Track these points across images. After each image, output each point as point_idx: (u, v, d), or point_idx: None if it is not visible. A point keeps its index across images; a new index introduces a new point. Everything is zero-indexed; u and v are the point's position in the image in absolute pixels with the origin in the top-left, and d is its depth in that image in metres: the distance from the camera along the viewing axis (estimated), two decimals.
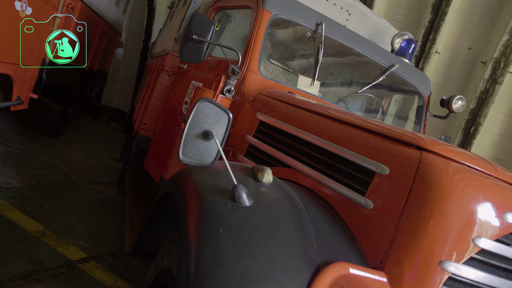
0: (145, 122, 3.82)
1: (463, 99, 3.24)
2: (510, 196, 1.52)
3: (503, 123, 7.55)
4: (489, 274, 1.46)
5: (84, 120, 9.58)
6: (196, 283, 1.18)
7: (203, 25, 2.53)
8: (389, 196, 1.54)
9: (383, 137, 1.71)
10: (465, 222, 1.41)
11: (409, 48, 3.63)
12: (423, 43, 7.35)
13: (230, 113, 1.49)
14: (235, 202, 1.37)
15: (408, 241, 1.44)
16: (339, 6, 4.07)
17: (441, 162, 1.50)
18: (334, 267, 1.32)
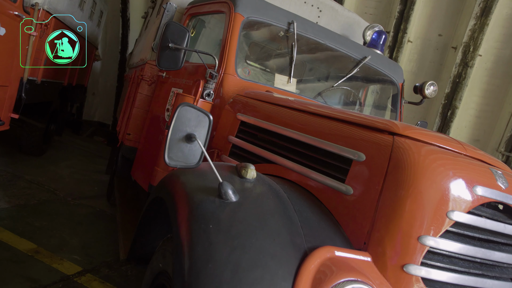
0: (129, 132, 3.86)
1: (434, 85, 3.36)
2: (479, 170, 1.64)
3: (478, 105, 7.77)
4: (464, 245, 1.57)
5: (67, 136, 9.53)
6: (191, 277, 1.25)
7: (178, 33, 2.60)
8: (367, 181, 1.63)
9: (357, 126, 1.81)
10: (438, 199, 1.51)
11: (380, 39, 3.75)
12: (395, 33, 7.52)
13: (210, 115, 1.57)
14: (222, 199, 1.45)
15: (387, 221, 1.54)
16: (310, 4, 4.18)
17: (413, 145, 1.60)
18: (320, 251, 1.41)
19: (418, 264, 1.50)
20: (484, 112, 7.91)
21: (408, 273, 1.50)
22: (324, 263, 1.39)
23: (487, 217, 1.61)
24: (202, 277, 1.24)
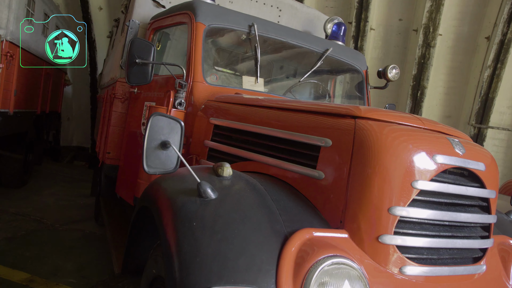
0: (109, 151, 3.91)
1: (396, 68, 3.52)
2: (437, 141, 1.77)
3: (445, 82, 8.04)
4: (432, 210, 1.70)
5: (47, 164, 9.45)
6: (182, 272, 1.34)
7: (144, 48, 2.68)
8: (336, 164, 1.75)
9: (322, 114, 1.92)
10: (402, 171, 1.64)
11: (340, 30, 3.89)
12: (357, 22, 7.73)
13: (181, 121, 1.66)
14: (202, 197, 1.54)
15: (359, 199, 1.66)
16: (269, 5, 4.31)
17: (374, 125, 1.72)
18: (299, 234, 1.51)
19: (392, 233, 1.63)
20: (452, 89, 8.18)
21: (383, 243, 1.62)
22: (304, 244, 1.49)
23: (449, 182, 1.74)
24: (192, 271, 1.33)
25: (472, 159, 1.80)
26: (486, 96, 7.58)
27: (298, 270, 1.41)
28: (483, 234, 1.94)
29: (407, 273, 1.65)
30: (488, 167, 1.91)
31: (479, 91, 7.64)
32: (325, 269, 1.41)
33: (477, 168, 1.82)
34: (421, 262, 1.70)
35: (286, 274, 1.39)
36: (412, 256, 1.68)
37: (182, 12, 3.14)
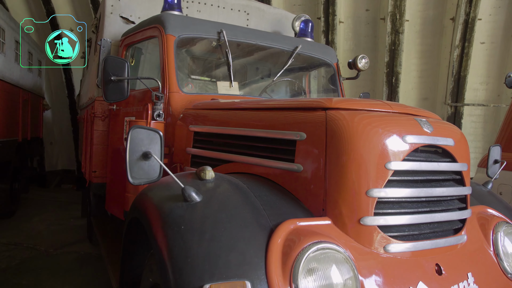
0: (95, 170, 3.94)
1: (365, 57, 3.62)
2: (405, 122, 1.86)
3: (418, 66, 8.23)
4: (407, 189, 1.79)
5: (34, 191, 9.36)
6: (175, 274, 1.40)
7: (117, 65, 2.73)
8: (312, 155, 1.83)
9: (294, 109, 2.00)
10: (375, 155, 1.73)
11: (308, 27, 3.99)
12: (325, 17, 7.87)
13: (159, 131, 1.73)
14: (187, 201, 1.61)
15: (337, 186, 1.74)
16: (237, 10, 4.39)
17: (343, 114, 1.81)
18: (283, 225, 1.59)
19: (372, 215, 1.71)
20: (425, 72, 8.37)
21: (365, 225, 1.70)
22: (290, 235, 1.57)
23: (421, 160, 1.83)
24: (184, 272, 1.40)
25: (441, 136, 1.90)
26: (458, 75, 7.78)
27: (286, 259, 1.48)
28: (461, 206, 2.05)
29: (391, 251, 1.74)
30: (458, 142, 2.02)
31: (451, 71, 7.84)
32: (311, 256, 1.48)
33: (446, 144, 1.92)
34: (403, 239, 1.79)
35: (275, 265, 1.46)
36: (394, 234, 1.77)
37: (152, 26, 3.20)
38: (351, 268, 1.55)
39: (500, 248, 2.12)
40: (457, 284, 1.83)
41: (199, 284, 1.35)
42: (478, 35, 7.67)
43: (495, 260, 2.10)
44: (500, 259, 2.10)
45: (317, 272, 1.50)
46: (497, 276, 2.04)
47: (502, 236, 2.17)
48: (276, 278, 1.43)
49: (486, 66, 8.03)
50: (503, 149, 4.60)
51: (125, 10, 3.89)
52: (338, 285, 1.52)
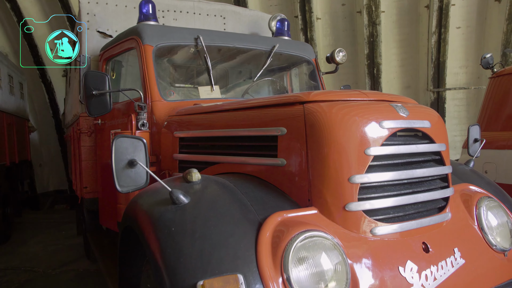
0: (86, 185, 3.95)
1: (342, 50, 3.69)
2: (381, 109, 1.92)
3: (398, 55, 8.35)
4: (389, 172, 1.85)
5: (28, 214, 9.29)
6: (169, 274, 1.44)
7: (98, 79, 2.76)
8: (294, 149, 1.88)
9: (274, 106, 2.06)
10: (354, 142, 1.78)
11: (284, 26, 4.05)
12: (302, 15, 7.96)
13: (143, 139, 1.77)
14: (176, 204, 1.65)
15: (320, 176, 1.79)
16: (213, 15, 4.44)
17: (321, 106, 1.86)
18: (271, 218, 1.64)
19: (356, 200, 1.77)
20: (405, 60, 8.50)
21: (351, 211, 1.76)
22: (277, 227, 1.61)
23: (400, 143, 1.89)
24: (178, 271, 1.44)
25: (417, 119, 1.96)
26: (438, 61, 7.91)
27: (275, 251, 1.53)
28: (443, 185, 2.11)
29: (378, 234, 1.79)
30: (435, 124, 2.08)
31: (430, 58, 7.97)
32: (299, 245, 1.53)
33: (423, 126, 1.99)
34: (389, 221, 1.85)
35: (265, 257, 1.51)
36: (380, 217, 1.83)
37: (129, 38, 3.23)
38: (339, 253, 1.60)
39: (483, 222, 2.19)
40: (444, 260, 1.90)
41: (193, 282, 1.39)
42: (453, 20, 7.81)
43: (480, 234, 2.17)
44: (484, 233, 2.17)
45: (307, 261, 1.55)
46: (482, 249, 2.11)
47: (485, 210, 2.24)
48: (267, 270, 1.48)
49: (464, 50, 8.18)
50: (485, 128, 4.71)
51: (101, 24, 3.92)
52: (328, 271, 1.57)
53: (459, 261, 1.95)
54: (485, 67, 4.71)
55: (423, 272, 1.79)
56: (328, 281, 1.56)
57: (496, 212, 2.28)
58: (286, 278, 1.49)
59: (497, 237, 2.20)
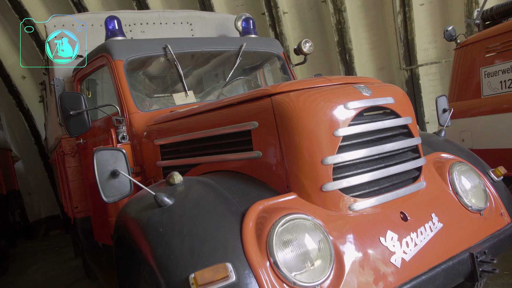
0: (76, 205, 3.99)
1: (308, 41, 3.79)
2: (344, 91, 2.02)
3: (367, 39, 8.50)
4: (359, 150, 1.95)
5: (23, 245, 9.23)
6: (162, 272, 1.53)
7: (73, 99, 2.81)
8: (267, 140, 1.98)
9: (244, 102, 2.14)
10: (322, 126, 1.88)
11: (249, 24, 4.13)
12: (269, 11, 8.05)
13: (122, 149, 1.84)
14: (161, 206, 1.73)
15: (295, 162, 1.89)
16: (179, 22, 4.50)
17: (287, 96, 1.96)
18: (253, 208, 1.73)
19: (332, 180, 1.87)
20: (375, 43, 8.65)
21: (328, 191, 1.86)
22: (260, 214, 1.71)
23: (366, 122, 1.99)
24: (170, 268, 1.52)
25: (380, 97, 2.07)
26: (406, 39, 8.07)
27: (260, 237, 1.62)
28: (414, 156, 2.23)
29: (357, 209, 1.90)
30: (399, 99, 2.19)
31: (399, 37, 8.12)
32: (281, 229, 1.62)
33: (387, 103, 2.09)
34: (366, 196, 1.95)
35: (251, 244, 1.59)
36: (356, 193, 1.93)
37: (99, 55, 3.29)
38: (321, 231, 1.69)
39: (457, 186, 2.31)
40: (423, 226, 2.01)
41: (185, 276, 1.48)
42: None
43: (455, 198, 2.29)
44: (459, 196, 2.29)
45: (291, 243, 1.65)
46: (459, 211, 2.23)
47: (457, 175, 2.36)
48: (254, 256, 1.57)
49: (430, 25, 8.35)
50: (457, 98, 4.87)
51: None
52: (313, 250, 1.67)
53: (437, 225, 2.07)
54: (449, 39, 4.86)
55: (404, 239, 1.90)
56: (314, 259, 1.66)
57: (468, 175, 2.41)
58: (273, 262, 1.58)
59: (472, 199, 2.32)
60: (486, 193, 2.40)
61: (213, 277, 1.44)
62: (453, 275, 1.97)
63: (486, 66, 4.43)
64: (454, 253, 2.03)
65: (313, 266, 1.65)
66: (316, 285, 1.59)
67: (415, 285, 1.81)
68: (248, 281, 1.51)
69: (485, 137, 4.36)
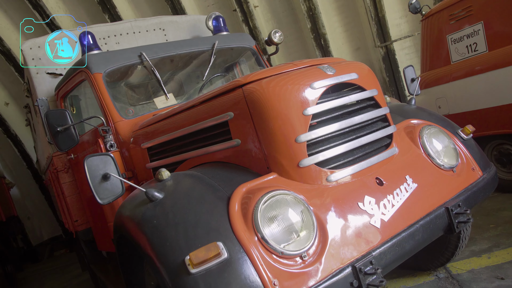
0: (76, 219, 4.11)
1: (278, 31, 3.93)
2: (309, 73, 2.16)
3: (340, 21, 8.65)
4: (329, 125, 2.09)
5: (29, 268, 9.33)
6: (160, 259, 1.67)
7: (59, 116, 2.92)
8: (244, 128, 2.12)
9: (218, 96, 2.28)
10: (291, 107, 2.02)
11: (219, 22, 4.25)
12: (240, 7, 8.17)
13: (109, 154, 1.98)
14: (152, 201, 1.86)
15: (271, 144, 2.03)
16: (152, 29, 4.61)
17: (257, 85, 2.10)
18: (237, 191, 1.86)
19: (307, 156, 2.01)
20: (348, 24, 8.80)
21: (305, 167, 2.01)
22: (244, 195, 1.85)
23: (332, 98, 2.14)
24: (167, 254, 1.66)
25: (343, 74, 2.21)
26: (377, 17, 8.23)
27: (246, 216, 1.76)
28: (384, 125, 2.38)
29: (334, 180, 2.05)
30: (363, 74, 2.34)
31: (370, 16, 8.28)
32: (263, 206, 1.76)
33: (351, 78, 2.24)
34: (341, 167, 2.10)
35: (238, 223, 1.73)
36: (332, 165, 2.08)
37: (78, 71, 3.39)
38: (301, 203, 1.84)
39: (428, 148, 2.47)
40: (398, 188, 2.16)
41: (181, 259, 1.62)
42: None
43: (428, 160, 2.44)
44: (431, 157, 2.44)
45: (276, 217, 1.79)
46: (432, 171, 2.39)
47: (427, 137, 2.52)
48: (243, 233, 1.71)
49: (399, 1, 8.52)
50: (429, 68, 5.04)
51: (49, 65, 4.05)
52: (297, 222, 1.81)
53: (412, 185, 2.22)
54: (414, 12, 5.02)
55: (381, 202, 2.06)
56: (299, 230, 1.80)
57: (437, 136, 2.57)
58: (261, 237, 1.72)
59: (444, 158, 2.48)
60: (456, 151, 2.55)
61: (206, 256, 1.58)
62: (431, 229, 2.13)
63: (451, 33, 4.60)
64: (431, 210, 2.18)
65: (299, 237, 1.79)
66: (303, 251, 1.74)
67: (395, 242, 1.96)
68: (239, 255, 1.65)
69: (460, 101, 4.54)
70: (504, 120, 4.04)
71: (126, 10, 8.69)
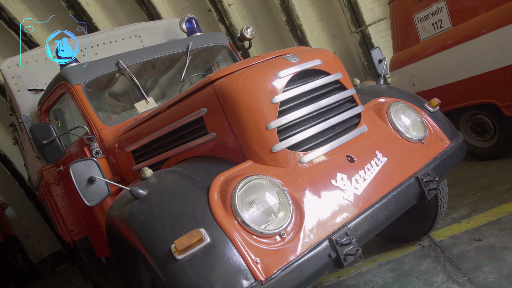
0: (72, 229, 4.21)
1: (249, 27, 4.05)
2: (274, 63, 2.27)
3: (314, 11, 8.79)
4: (297, 110, 2.22)
5: (33, 286, 9.38)
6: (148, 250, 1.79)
7: (43, 130, 3.01)
8: (218, 121, 2.24)
9: (192, 94, 2.39)
10: (260, 97, 2.15)
11: (193, 24, 4.36)
12: (215, 7, 8.27)
13: (93, 158, 2.09)
14: (137, 198, 1.98)
15: (244, 134, 2.16)
16: (128, 37, 4.70)
17: (226, 79, 2.21)
18: (216, 180, 1.98)
19: (278, 142, 2.14)
20: (322, 14, 8.94)
21: (277, 151, 2.13)
22: (222, 184, 1.97)
23: (298, 85, 2.26)
24: (154, 244, 1.78)
25: (306, 61, 2.33)
26: (350, 3, 8.38)
27: (225, 203, 1.88)
28: (351, 105, 2.51)
29: (307, 161, 2.17)
30: (327, 60, 2.46)
31: (343, 2, 8.42)
32: (240, 192, 1.88)
33: (314, 65, 2.36)
34: (313, 148, 2.23)
35: (219, 210, 1.85)
36: (304, 148, 2.21)
37: (58, 85, 3.49)
38: (276, 186, 1.96)
39: (396, 123, 2.61)
40: (369, 163, 2.30)
41: (168, 247, 1.74)
42: None
43: (397, 134, 2.58)
44: (400, 132, 2.58)
45: (254, 201, 1.91)
46: (401, 144, 2.53)
47: (394, 113, 2.66)
48: (223, 219, 1.83)
49: None
50: (401, 48, 5.19)
51: (29, 82, 4.13)
52: (275, 204, 1.93)
53: (382, 159, 2.36)
54: None
55: (353, 177, 2.19)
56: (277, 212, 1.93)
57: (404, 111, 2.71)
58: (241, 221, 1.84)
59: (412, 132, 2.62)
60: (423, 124, 2.70)
61: (190, 242, 1.70)
62: (404, 198, 2.27)
63: (418, 13, 4.75)
64: (402, 180, 2.32)
65: (277, 217, 1.91)
66: (281, 230, 1.86)
67: (369, 214, 2.09)
68: (222, 239, 1.77)
69: (432, 77, 4.70)
70: (474, 91, 4.21)
71: (102, 20, 8.75)
